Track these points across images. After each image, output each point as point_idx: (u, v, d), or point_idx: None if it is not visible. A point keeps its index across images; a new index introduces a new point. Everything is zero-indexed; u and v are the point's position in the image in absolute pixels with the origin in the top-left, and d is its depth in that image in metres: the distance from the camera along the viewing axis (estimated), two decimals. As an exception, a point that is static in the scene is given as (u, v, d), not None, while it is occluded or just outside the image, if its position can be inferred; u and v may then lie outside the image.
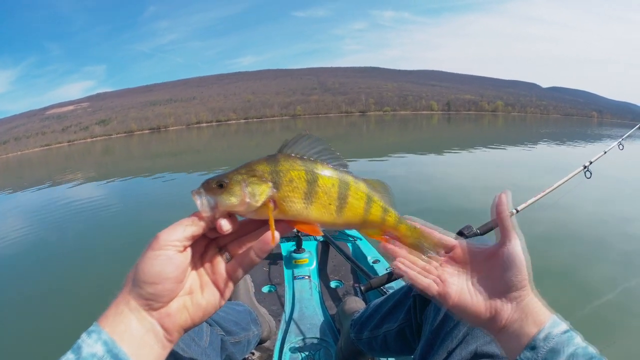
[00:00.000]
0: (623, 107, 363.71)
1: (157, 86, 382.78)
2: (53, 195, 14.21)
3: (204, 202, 0.84)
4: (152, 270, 0.80)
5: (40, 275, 6.18)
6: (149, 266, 0.80)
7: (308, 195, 0.88)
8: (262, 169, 0.88)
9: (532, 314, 0.84)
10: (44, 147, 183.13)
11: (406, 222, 0.97)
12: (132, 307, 0.80)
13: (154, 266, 0.80)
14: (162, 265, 0.81)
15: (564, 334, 0.81)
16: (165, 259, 0.81)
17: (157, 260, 0.80)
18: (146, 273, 0.80)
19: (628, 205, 8.37)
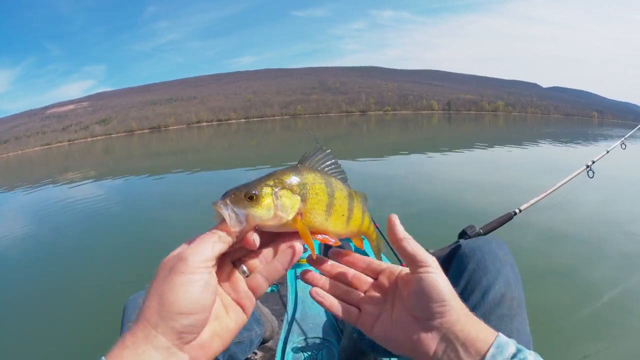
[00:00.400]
0: (624, 107, 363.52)
1: (157, 86, 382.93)
2: (53, 194, 14.28)
3: (232, 216, 0.77)
4: (188, 299, 0.71)
5: (39, 274, 6.21)
6: (182, 294, 0.71)
7: (328, 207, 0.88)
8: (293, 180, 0.85)
9: (468, 342, 0.79)
10: (44, 146, 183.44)
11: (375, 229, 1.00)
12: (160, 345, 0.70)
13: (190, 294, 0.71)
14: (199, 291, 0.72)
15: (512, 358, 0.76)
16: (203, 284, 0.73)
17: (192, 287, 0.72)
18: (181, 303, 0.71)
19: (631, 204, 8.35)
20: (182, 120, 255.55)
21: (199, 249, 0.74)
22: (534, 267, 4.98)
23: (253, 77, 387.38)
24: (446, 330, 0.81)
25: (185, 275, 0.72)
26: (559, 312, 4.03)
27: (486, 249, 1.28)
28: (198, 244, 0.75)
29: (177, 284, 0.71)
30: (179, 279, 0.71)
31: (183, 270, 0.72)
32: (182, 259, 0.73)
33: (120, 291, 4.83)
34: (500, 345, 0.77)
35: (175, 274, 0.72)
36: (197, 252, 0.74)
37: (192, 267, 0.72)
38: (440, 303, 0.81)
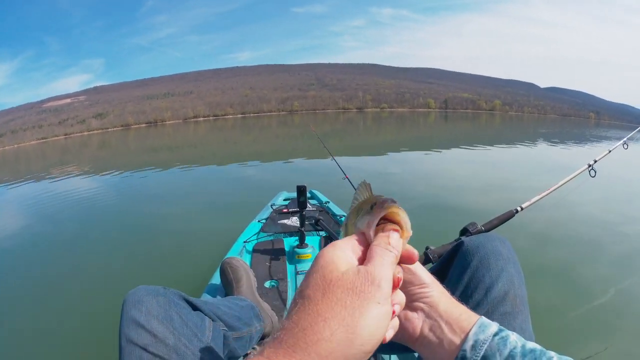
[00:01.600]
0: (621, 108, 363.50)
1: (154, 80, 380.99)
2: (49, 188, 14.24)
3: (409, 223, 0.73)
4: (379, 337, 0.61)
5: (34, 268, 6.21)
6: (377, 330, 0.60)
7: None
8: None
9: (452, 321, 0.83)
10: (40, 140, 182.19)
11: None
12: None
13: (382, 331, 0.61)
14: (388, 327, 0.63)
15: (495, 336, 0.79)
16: (390, 316, 0.63)
17: (385, 322, 0.62)
18: (372, 340, 0.59)
19: (633, 204, 8.41)
20: (179, 115, 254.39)
21: (387, 273, 0.64)
22: (536, 265, 5.01)
23: (250, 73, 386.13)
24: (429, 310, 0.84)
25: (382, 306, 0.61)
26: (561, 310, 4.05)
27: (489, 246, 1.27)
28: (384, 265, 0.65)
29: (374, 317, 0.59)
30: (375, 311, 0.60)
31: (379, 301, 0.61)
32: (375, 283, 0.61)
33: (117, 285, 4.84)
34: (483, 325, 0.81)
35: (370, 303, 0.60)
36: (388, 277, 0.64)
37: (386, 297, 0.62)
38: (420, 285, 0.84)
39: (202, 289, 3.22)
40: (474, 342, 0.79)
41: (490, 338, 0.78)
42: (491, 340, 0.78)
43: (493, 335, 0.79)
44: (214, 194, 10.84)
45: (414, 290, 0.85)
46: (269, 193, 6.36)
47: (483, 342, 0.78)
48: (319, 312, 0.58)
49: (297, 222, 4.33)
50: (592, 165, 3.61)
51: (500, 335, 0.78)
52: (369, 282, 0.61)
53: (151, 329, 1.20)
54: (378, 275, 0.62)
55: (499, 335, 0.79)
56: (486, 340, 0.78)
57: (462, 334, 0.81)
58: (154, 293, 1.33)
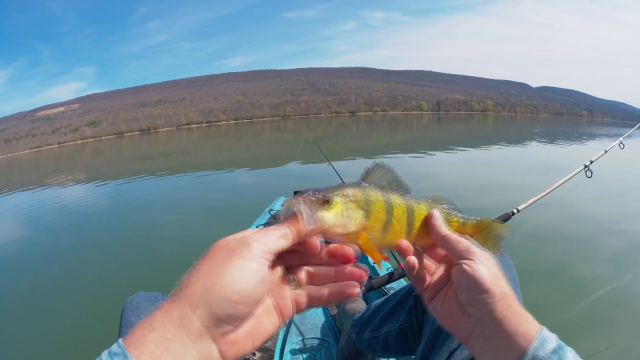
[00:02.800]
0: (613, 106, 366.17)
1: (147, 87, 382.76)
2: (42, 197, 14.23)
3: (308, 213, 0.74)
4: (243, 286, 0.65)
5: (31, 276, 6.20)
6: (238, 279, 0.65)
7: (386, 225, 0.87)
8: (359, 196, 0.84)
9: (508, 331, 0.79)
10: (34, 149, 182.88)
11: (470, 221, 0.98)
12: (193, 329, 0.63)
13: (246, 282, 0.65)
14: (255, 281, 0.67)
15: (553, 354, 0.75)
16: (261, 275, 0.67)
17: (250, 275, 0.66)
18: (233, 288, 0.64)
19: (629, 204, 8.46)
20: (172, 122, 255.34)
21: (264, 239, 0.69)
22: (532, 266, 5.02)
23: (243, 79, 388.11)
24: (482, 318, 0.83)
25: (246, 261, 0.66)
26: (560, 311, 4.06)
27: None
28: (263, 233, 0.71)
29: (235, 267, 0.65)
30: (238, 263, 0.65)
31: (244, 256, 0.66)
32: (245, 243, 0.67)
33: (116, 291, 4.84)
34: (544, 339, 0.77)
35: (236, 257, 0.66)
36: (262, 242, 0.69)
37: (254, 254, 0.67)
38: (476, 292, 0.82)
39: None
40: (532, 357, 0.75)
41: (548, 355, 0.75)
42: (549, 357, 0.75)
43: (552, 352, 0.75)
44: (212, 200, 10.88)
45: (470, 295, 0.84)
46: (267, 199, 6.38)
47: (541, 358, 0.75)
48: (194, 269, 0.66)
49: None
50: (589, 166, 3.61)
51: (559, 355, 0.75)
52: (241, 243, 0.67)
53: None
54: (252, 238, 0.68)
55: (557, 353, 0.75)
56: (544, 357, 0.75)
57: (517, 349, 0.77)
58: (152, 299, 1.35)
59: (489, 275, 0.83)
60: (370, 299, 2.76)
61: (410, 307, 1.63)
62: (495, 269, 0.85)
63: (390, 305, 1.81)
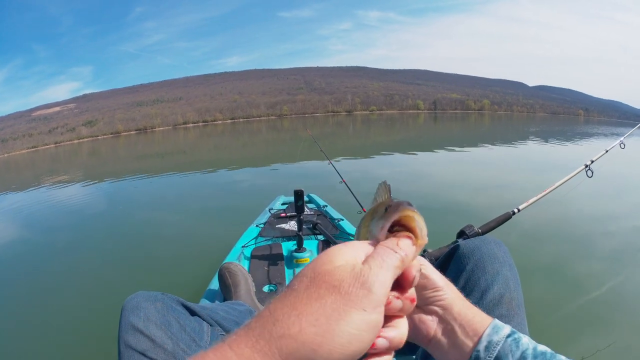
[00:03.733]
0: (610, 105, 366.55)
1: (143, 87, 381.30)
2: (39, 197, 14.18)
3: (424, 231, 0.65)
4: (357, 349, 0.50)
5: (29, 277, 6.16)
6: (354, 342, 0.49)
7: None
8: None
9: (465, 323, 0.82)
10: (30, 149, 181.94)
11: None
12: None
13: (363, 342, 0.51)
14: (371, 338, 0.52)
15: (507, 338, 0.78)
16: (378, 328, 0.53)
17: (368, 333, 0.51)
18: (346, 351, 0.49)
19: (630, 204, 8.42)
20: (169, 121, 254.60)
21: (385, 276, 0.55)
22: (533, 266, 4.99)
23: (239, 78, 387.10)
24: (443, 313, 0.84)
25: (367, 314, 0.51)
26: (560, 311, 4.03)
27: (485, 249, 1.27)
28: (382, 266, 0.56)
29: (353, 324, 0.49)
30: (357, 318, 0.50)
31: (365, 307, 0.51)
32: (366, 287, 0.52)
33: (116, 291, 4.84)
34: (496, 327, 0.81)
35: (354, 309, 0.50)
36: (384, 282, 0.54)
37: (376, 304, 0.52)
38: (434, 289, 0.83)
39: (201, 294, 3.23)
40: (488, 343, 0.78)
41: (503, 340, 0.78)
42: (504, 341, 0.77)
43: (506, 336, 0.78)
44: (211, 200, 10.82)
45: (428, 294, 0.83)
46: (267, 197, 6.38)
47: (496, 343, 0.78)
48: (295, 305, 0.50)
49: (295, 226, 4.33)
50: (589, 166, 3.61)
51: (513, 337, 0.78)
52: (359, 283, 0.52)
53: (150, 334, 1.20)
54: (372, 277, 0.53)
55: (511, 337, 0.78)
56: (499, 341, 0.77)
57: (475, 336, 0.80)
58: (153, 299, 1.33)
59: (437, 274, 0.84)
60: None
61: None
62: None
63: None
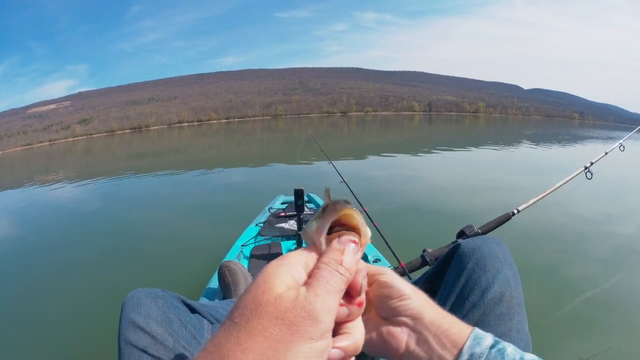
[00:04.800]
0: (605, 109, 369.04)
1: (138, 85, 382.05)
2: (33, 195, 14.16)
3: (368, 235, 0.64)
4: None
5: (29, 274, 6.16)
6: None
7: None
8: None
9: (440, 334, 0.77)
10: (25, 146, 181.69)
11: None
12: None
13: None
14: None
15: (491, 349, 0.73)
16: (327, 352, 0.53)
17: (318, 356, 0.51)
18: None
19: (630, 206, 8.45)
20: (163, 120, 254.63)
21: (330, 303, 0.54)
22: (532, 267, 5.00)
23: (234, 78, 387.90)
24: (414, 323, 0.79)
25: (315, 343, 0.50)
26: (560, 312, 4.05)
27: (485, 248, 1.26)
28: (327, 292, 0.54)
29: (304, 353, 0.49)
30: (305, 349, 0.49)
31: (312, 336, 0.50)
32: (312, 317, 0.51)
33: (116, 288, 4.85)
34: (477, 337, 0.75)
35: (301, 340, 0.49)
36: (330, 307, 0.54)
37: (323, 331, 0.52)
38: (399, 298, 0.79)
39: (201, 292, 3.25)
40: (469, 356, 0.73)
41: (487, 351, 0.73)
42: (488, 353, 0.72)
43: (489, 347, 0.73)
44: (211, 199, 10.81)
45: (393, 304, 0.79)
46: (266, 197, 6.40)
47: (479, 355, 0.73)
48: (239, 341, 0.49)
49: (294, 225, 4.36)
50: (589, 168, 3.65)
51: (497, 348, 0.73)
52: (305, 313, 0.51)
53: (150, 331, 1.19)
54: (318, 305, 0.52)
55: (495, 347, 0.73)
56: (482, 353, 0.73)
57: (454, 349, 0.75)
58: (153, 295, 1.33)
59: (404, 282, 0.82)
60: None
61: None
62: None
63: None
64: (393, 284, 0.80)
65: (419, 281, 1.51)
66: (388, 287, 0.80)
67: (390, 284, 0.80)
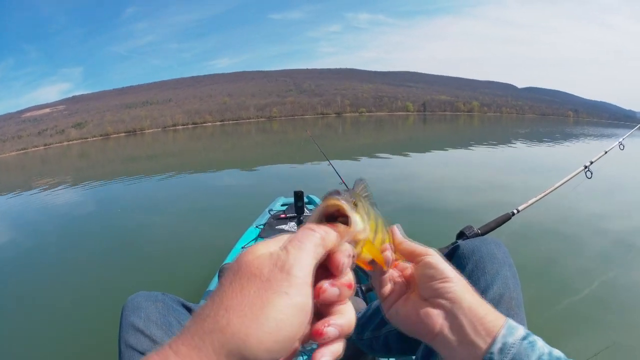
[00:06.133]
0: (599, 106, 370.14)
1: (132, 88, 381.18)
2: (29, 200, 14.12)
3: (356, 220, 0.65)
4: (286, 333, 0.50)
5: (29, 278, 6.16)
6: (281, 326, 0.49)
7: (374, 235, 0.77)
8: (365, 202, 0.74)
9: (476, 321, 0.77)
10: (20, 151, 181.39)
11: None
12: None
13: (291, 325, 0.51)
14: (300, 321, 0.52)
15: (523, 340, 0.74)
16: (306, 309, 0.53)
17: (294, 316, 0.51)
18: (276, 337, 0.49)
19: (630, 205, 8.47)
20: (158, 123, 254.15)
21: (305, 259, 0.54)
22: (533, 267, 5.06)
23: (228, 80, 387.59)
24: (451, 307, 0.79)
25: (289, 297, 0.50)
26: (560, 311, 4.10)
27: (484, 250, 1.27)
28: (300, 248, 0.55)
29: (278, 308, 0.49)
30: (280, 302, 0.50)
31: (287, 291, 0.51)
32: (285, 271, 0.52)
33: (116, 292, 4.85)
34: (511, 327, 0.76)
35: (276, 294, 0.50)
36: (304, 264, 0.54)
37: (298, 286, 0.52)
38: (442, 279, 0.80)
39: (201, 294, 3.29)
40: (502, 344, 0.73)
41: (518, 342, 0.73)
42: (520, 344, 0.73)
43: (522, 338, 0.74)
44: (211, 201, 10.81)
45: (435, 284, 0.80)
46: (266, 199, 6.40)
47: (511, 345, 0.73)
48: (222, 300, 0.50)
49: (294, 227, 4.37)
50: (589, 167, 3.64)
51: (529, 340, 0.74)
52: (277, 269, 0.52)
53: (150, 334, 1.21)
54: (290, 260, 0.53)
55: (527, 339, 0.74)
56: (514, 343, 0.73)
57: (487, 337, 0.75)
58: (153, 299, 1.34)
59: (448, 266, 0.82)
60: (370, 298, 2.79)
61: None
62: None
63: (390, 304, 1.80)
64: (437, 266, 0.81)
65: None
66: (432, 268, 0.81)
67: (435, 265, 0.81)
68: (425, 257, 0.84)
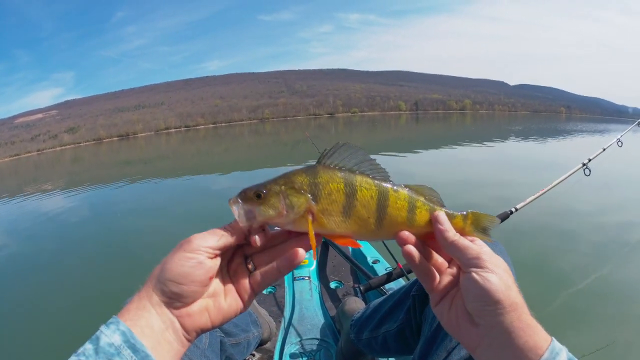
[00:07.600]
0: (592, 102, 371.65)
1: (124, 92, 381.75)
2: (23, 206, 14.12)
3: (241, 212, 0.84)
4: (180, 271, 0.81)
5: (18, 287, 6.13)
6: (177, 266, 0.81)
7: (347, 208, 0.86)
8: (301, 180, 0.86)
9: (517, 347, 0.76)
10: (13, 157, 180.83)
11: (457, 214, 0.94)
12: (155, 302, 0.81)
13: (183, 267, 0.81)
14: (191, 268, 0.82)
15: None
16: (196, 263, 0.82)
17: (186, 262, 0.82)
18: (173, 272, 0.81)
19: (628, 202, 8.49)
20: (150, 127, 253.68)
21: (205, 236, 0.85)
22: (532, 266, 5.05)
23: (220, 82, 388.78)
24: (490, 329, 0.80)
25: (185, 253, 0.82)
26: (557, 310, 4.11)
27: None
28: (208, 233, 0.86)
29: (176, 257, 0.82)
30: (178, 254, 0.82)
31: (185, 249, 0.83)
32: (188, 240, 0.84)
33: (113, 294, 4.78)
34: (554, 350, 0.75)
35: (179, 250, 0.83)
36: (202, 238, 0.84)
37: (193, 247, 0.83)
38: (484, 303, 0.80)
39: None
40: None
41: None
42: None
43: None
44: (207, 203, 10.77)
45: (484, 308, 0.80)
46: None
47: None
48: (162, 261, 0.84)
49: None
50: (587, 164, 3.65)
51: None
52: (186, 240, 0.85)
53: None
54: (195, 236, 0.85)
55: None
56: None
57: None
58: None
59: (500, 285, 0.80)
60: (369, 299, 2.79)
61: (409, 306, 1.61)
62: (507, 278, 0.82)
63: (388, 305, 1.80)
64: (484, 286, 0.80)
65: (416, 283, 1.55)
66: (478, 288, 0.81)
67: (481, 285, 0.81)
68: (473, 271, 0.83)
